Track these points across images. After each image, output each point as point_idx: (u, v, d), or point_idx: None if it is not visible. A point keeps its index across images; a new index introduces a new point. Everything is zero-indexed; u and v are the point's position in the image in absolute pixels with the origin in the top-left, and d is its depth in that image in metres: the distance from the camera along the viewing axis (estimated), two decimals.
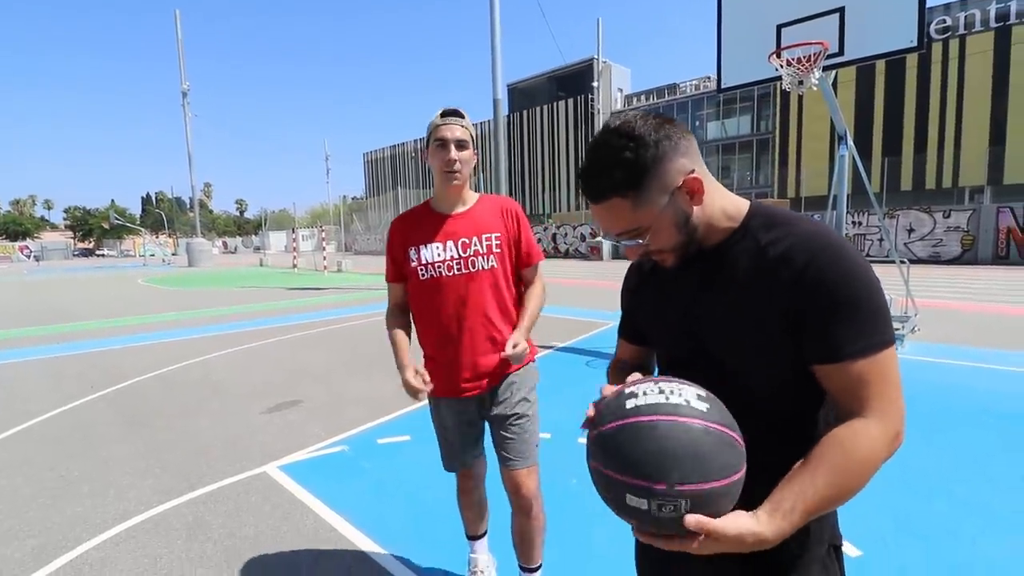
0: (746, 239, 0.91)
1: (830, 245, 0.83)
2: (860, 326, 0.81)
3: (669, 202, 0.87)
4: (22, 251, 55.62)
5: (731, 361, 0.92)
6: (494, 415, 1.86)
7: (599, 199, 0.89)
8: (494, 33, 9.86)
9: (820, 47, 5.29)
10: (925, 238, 19.37)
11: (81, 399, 4.91)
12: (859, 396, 0.81)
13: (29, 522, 2.76)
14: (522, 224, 1.90)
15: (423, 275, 1.79)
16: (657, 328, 1.07)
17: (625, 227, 0.90)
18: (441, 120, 1.74)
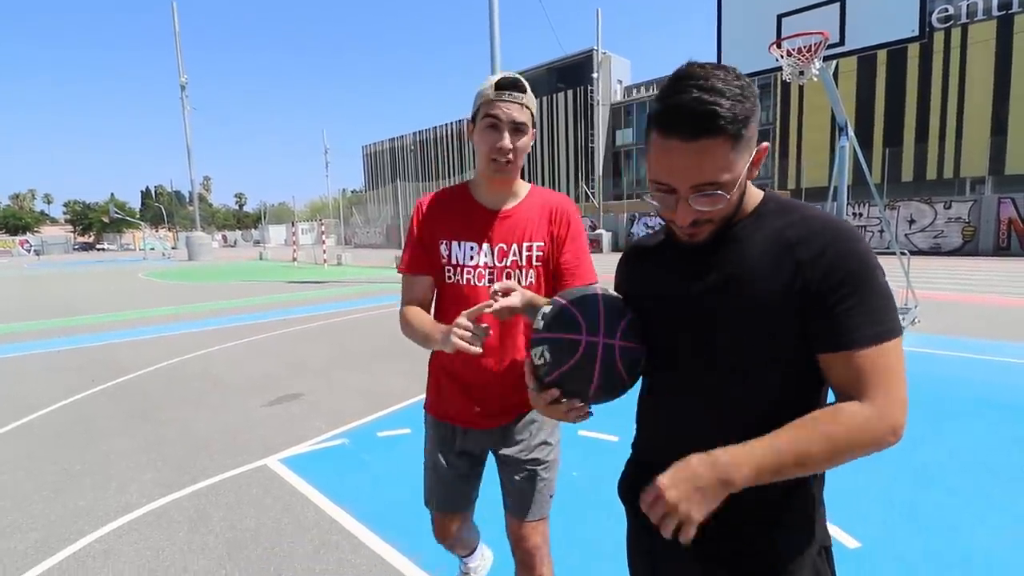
0: (759, 222, 0.90)
1: (847, 231, 0.84)
2: (873, 314, 0.80)
3: (747, 163, 0.84)
4: (22, 245, 55.59)
5: (728, 340, 0.89)
6: (506, 455, 1.54)
7: (699, 133, 0.78)
8: (493, 24, 9.80)
9: (821, 37, 5.26)
10: (926, 229, 19.34)
11: (82, 393, 4.92)
12: (862, 385, 0.80)
13: (32, 515, 2.78)
14: (570, 230, 1.51)
15: (448, 277, 1.48)
16: (647, 298, 1.01)
17: (714, 175, 0.81)
18: (496, 94, 1.36)
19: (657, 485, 0.81)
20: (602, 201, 28.17)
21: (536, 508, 1.55)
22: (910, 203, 19.77)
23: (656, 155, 0.84)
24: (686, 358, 0.95)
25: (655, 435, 1.06)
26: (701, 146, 0.79)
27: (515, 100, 1.37)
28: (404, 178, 53.49)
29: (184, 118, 29.22)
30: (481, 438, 1.54)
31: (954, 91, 26.28)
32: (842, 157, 6.12)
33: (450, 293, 1.49)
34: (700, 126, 0.78)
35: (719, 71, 0.81)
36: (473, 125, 1.44)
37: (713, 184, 0.81)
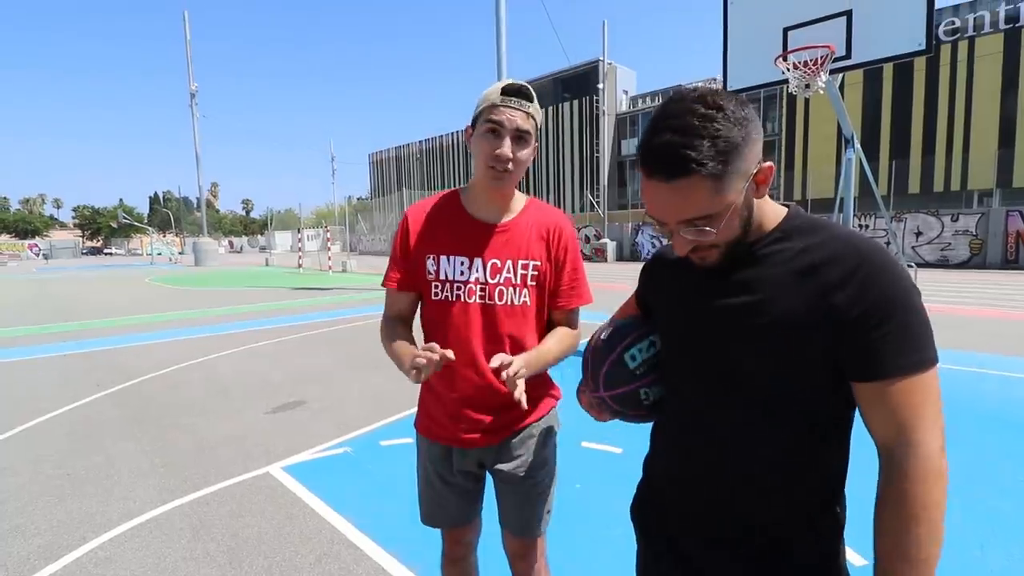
0: (783, 241, 0.86)
1: (880, 250, 0.80)
2: (910, 340, 0.75)
3: (744, 190, 0.81)
4: (31, 249, 56.11)
5: (740, 362, 0.87)
6: (502, 472, 1.47)
7: (675, 175, 0.77)
8: (500, 35, 9.87)
9: (827, 50, 5.28)
10: (933, 242, 19.25)
11: (88, 397, 4.94)
12: (900, 417, 0.75)
13: (36, 520, 2.78)
14: (567, 252, 1.45)
15: (436, 294, 1.39)
16: (666, 313, 1.03)
17: (698, 212, 0.79)
18: (501, 99, 1.29)
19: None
20: (607, 211, 28.20)
21: (535, 525, 1.52)
22: (917, 215, 19.70)
23: (644, 192, 0.84)
24: (700, 376, 0.93)
25: (665, 457, 1.04)
26: (679, 186, 0.78)
27: (521, 108, 1.30)
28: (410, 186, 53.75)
29: (193, 125, 29.52)
30: (477, 455, 1.48)
31: (961, 103, 26.25)
32: (848, 169, 6.12)
33: (439, 310, 1.40)
34: (675, 169, 0.77)
35: (699, 104, 0.77)
36: (472, 130, 1.36)
37: (700, 219, 0.80)
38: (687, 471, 0.96)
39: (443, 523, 1.55)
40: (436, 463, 1.49)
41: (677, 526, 0.99)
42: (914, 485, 0.73)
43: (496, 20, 9.86)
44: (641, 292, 1.14)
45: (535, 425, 1.50)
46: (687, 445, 0.96)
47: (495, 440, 1.46)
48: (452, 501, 1.51)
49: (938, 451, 0.75)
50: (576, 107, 44.38)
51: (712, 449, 0.92)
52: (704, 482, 0.93)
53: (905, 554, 0.73)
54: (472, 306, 1.38)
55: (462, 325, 1.38)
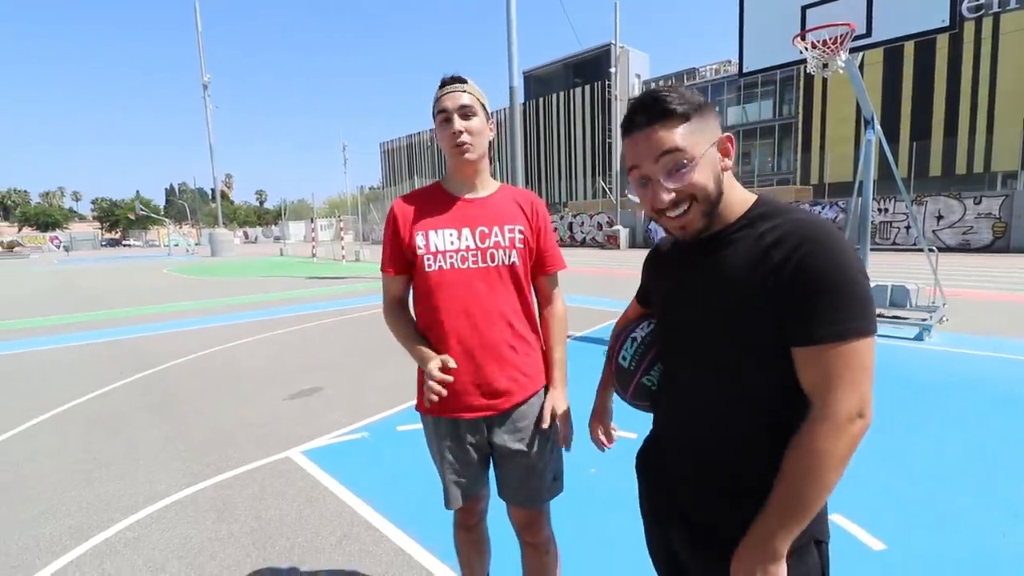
0: (747, 228, 0.97)
1: (820, 232, 0.87)
2: (839, 312, 0.83)
3: (710, 149, 0.94)
4: (52, 241, 57.18)
5: (713, 333, 0.98)
6: (503, 446, 1.54)
7: (651, 122, 0.93)
8: (510, 20, 9.77)
9: (847, 29, 5.14)
10: (955, 225, 18.83)
11: (111, 384, 5.06)
12: (825, 381, 0.85)
13: (66, 502, 2.87)
14: (544, 222, 1.61)
15: (429, 265, 1.48)
16: (659, 297, 1.17)
17: (671, 146, 0.92)
18: (441, 91, 1.48)
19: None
20: (619, 197, 27.97)
21: (538, 496, 1.59)
22: (938, 198, 19.26)
23: (627, 150, 0.97)
24: (683, 348, 1.07)
25: (663, 414, 1.18)
26: (655, 129, 0.93)
27: (456, 89, 1.46)
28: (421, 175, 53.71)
29: (207, 117, 29.74)
30: (483, 425, 1.54)
31: (985, 83, 25.51)
32: (868, 151, 5.99)
33: (432, 280, 1.49)
34: (652, 113, 0.93)
35: (662, 86, 0.96)
36: (437, 131, 1.53)
37: (673, 154, 0.91)
38: (677, 429, 1.10)
39: (463, 499, 1.58)
40: (445, 439, 1.55)
41: (671, 475, 1.11)
42: (815, 440, 0.84)
43: (507, 6, 9.76)
44: (644, 282, 1.29)
45: (536, 396, 1.58)
46: (672, 404, 1.11)
47: (500, 407, 1.52)
48: (466, 473, 1.57)
49: (846, 415, 0.84)
50: (588, 92, 43.86)
51: (692, 409, 1.05)
52: (690, 443, 1.06)
53: (791, 491, 0.86)
54: (466, 271, 1.49)
55: (458, 291, 1.48)
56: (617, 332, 1.31)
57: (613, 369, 1.27)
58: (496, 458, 1.59)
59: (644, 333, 1.22)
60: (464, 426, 1.54)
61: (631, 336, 1.24)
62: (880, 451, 3.13)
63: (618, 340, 1.27)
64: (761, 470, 0.94)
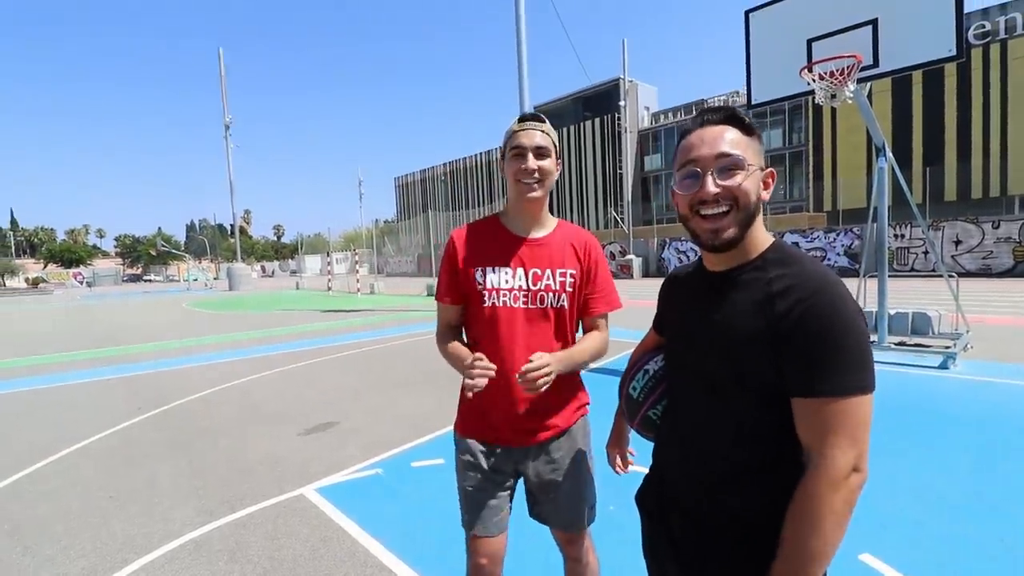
0: (758, 270, 1.00)
1: (825, 286, 0.90)
2: (839, 367, 0.85)
3: (758, 172, 1.00)
4: (75, 277, 58.56)
5: (715, 369, 1.01)
6: (540, 480, 1.59)
7: (723, 122, 1.00)
8: (521, 57, 10.04)
9: (854, 60, 5.20)
10: (974, 250, 18.55)
11: (129, 420, 5.09)
12: (823, 434, 0.86)
13: (81, 541, 2.86)
14: (596, 263, 1.62)
15: (485, 301, 1.55)
16: (670, 325, 1.22)
17: (733, 147, 0.97)
18: (519, 126, 1.54)
19: None
20: (631, 227, 28.05)
21: (579, 522, 1.63)
22: (955, 223, 19.04)
23: (685, 146, 1.02)
24: (688, 381, 1.09)
25: (664, 447, 1.19)
26: (722, 128, 0.99)
27: (536, 128, 1.53)
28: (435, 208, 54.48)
29: (227, 155, 30.63)
30: (513, 456, 1.58)
31: (996, 108, 25.47)
32: (881, 178, 5.97)
33: (487, 315, 1.55)
34: (722, 114, 1.01)
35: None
36: (504, 161, 1.58)
37: (732, 157, 0.97)
38: (677, 460, 1.12)
39: (486, 529, 1.56)
40: (478, 460, 1.58)
41: (672, 509, 1.12)
42: (813, 493, 0.85)
43: (517, 43, 10.04)
44: (659, 310, 1.31)
45: (570, 430, 1.62)
46: (677, 437, 1.12)
47: (534, 439, 1.57)
48: (491, 502, 1.57)
49: (843, 469, 0.85)
50: (598, 125, 44.56)
51: (693, 442, 1.07)
52: (689, 470, 1.07)
53: (796, 543, 0.87)
54: (517, 311, 1.54)
55: (509, 328, 1.53)
56: (633, 360, 1.32)
57: (623, 398, 1.30)
58: (532, 489, 1.63)
59: (656, 367, 1.23)
60: (496, 454, 1.58)
61: (644, 368, 1.25)
62: (910, 488, 3.02)
63: (631, 370, 1.29)
64: (756, 505, 0.96)
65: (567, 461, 1.59)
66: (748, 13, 6.15)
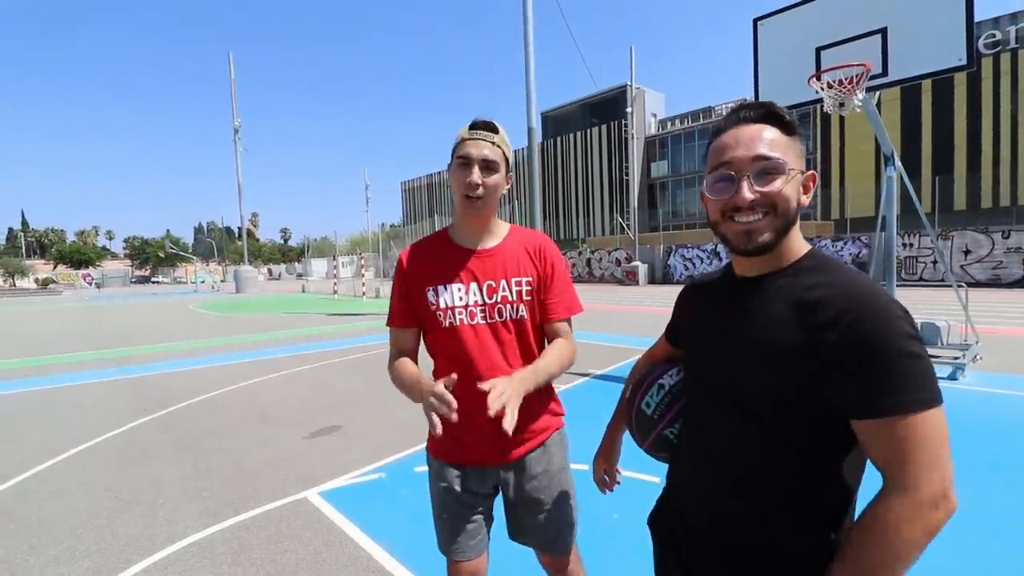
0: (793, 277, 0.92)
1: (871, 296, 0.82)
2: (900, 380, 0.77)
3: (798, 175, 0.92)
4: (85, 279, 59.00)
5: (747, 386, 0.93)
6: (521, 498, 1.51)
7: (762, 120, 0.93)
8: (528, 64, 10.07)
9: (862, 68, 5.19)
10: (983, 260, 18.40)
11: (135, 421, 5.12)
12: (898, 456, 0.78)
13: (85, 542, 2.87)
14: (553, 267, 1.53)
15: (443, 322, 1.46)
16: (689, 335, 1.13)
17: (770, 151, 0.90)
18: (468, 133, 1.42)
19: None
20: (637, 233, 28.01)
21: (563, 542, 1.56)
22: (965, 232, 18.89)
23: (718, 147, 0.94)
24: (709, 395, 1.00)
25: (681, 469, 1.10)
26: (760, 127, 0.92)
27: (486, 139, 1.41)
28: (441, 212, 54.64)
29: (236, 159, 30.85)
30: (488, 476, 1.51)
31: (1007, 117, 25.34)
32: (890, 188, 5.94)
33: (445, 337, 1.47)
34: (760, 111, 0.93)
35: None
36: (449, 167, 1.47)
37: (771, 160, 0.89)
38: (696, 482, 1.03)
39: (463, 552, 1.50)
40: (452, 484, 1.51)
41: (685, 535, 1.04)
42: (895, 522, 0.76)
43: (525, 49, 10.08)
44: (675, 318, 1.24)
45: (547, 444, 1.55)
46: (697, 458, 1.03)
47: (510, 457, 1.49)
48: (468, 526, 1.51)
49: (929, 499, 0.76)
50: (605, 132, 44.64)
51: (716, 464, 0.98)
52: (709, 493, 0.99)
53: (861, 567, 0.78)
54: (476, 327, 1.46)
55: (470, 347, 1.45)
56: (643, 373, 1.24)
57: (634, 415, 1.20)
58: (511, 508, 1.55)
59: (673, 381, 1.15)
60: (473, 474, 1.51)
61: (658, 382, 1.16)
62: None
63: (643, 383, 1.20)
64: (788, 536, 0.89)
65: (545, 476, 1.52)
66: (756, 21, 6.15)
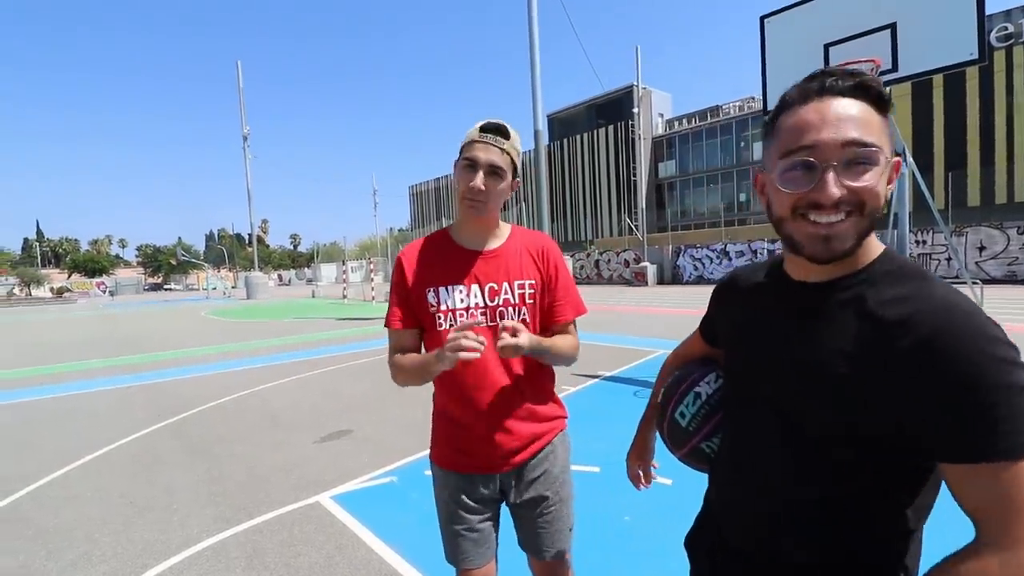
0: (865, 285, 0.78)
1: (963, 315, 0.68)
2: (999, 422, 0.64)
3: (888, 164, 0.76)
4: (99, 287, 59.76)
5: (804, 409, 0.81)
6: (521, 501, 1.50)
7: (853, 94, 0.75)
8: (534, 67, 10.09)
9: (872, 64, 5.14)
10: (998, 256, 18.13)
11: (149, 427, 5.17)
12: (997, 511, 0.65)
13: (101, 547, 2.90)
14: (556, 269, 1.52)
15: (440, 324, 1.43)
16: (730, 336, 1.01)
17: (865, 135, 0.73)
18: (479, 135, 1.39)
19: None
20: (646, 234, 27.92)
21: (561, 546, 1.54)
22: (979, 228, 18.63)
23: (796, 125, 0.76)
24: (759, 409, 0.88)
25: (722, 489, 1.01)
26: (851, 103, 0.74)
27: (495, 144, 1.38)
28: (449, 217, 54.74)
29: (246, 166, 31.13)
30: (494, 482, 1.49)
31: (1021, 110, 24.99)
32: (901, 184, 5.87)
33: (444, 339, 1.40)
34: (851, 84, 0.74)
35: None
36: (456, 165, 1.45)
37: (865, 144, 0.72)
38: (739, 503, 0.94)
39: (471, 561, 1.50)
40: (457, 494, 1.49)
41: (724, 557, 0.96)
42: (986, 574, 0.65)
43: (530, 51, 10.10)
44: (710, 315, 1.12)
45: (549, 447, 1.53)
46: (741, 479, 0.94)
47: (515, 462, 1.47)
48: (475, 534, 1.49)
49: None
50: (611, 132, 44.56)
51: (761, 486, 0.89)
52: (756, 519, 0.90)
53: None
54: (477, 330, 1.40)
55: None
56: (677, 376, 1.12)
57: (667, 424, 1.10)
58: (515, 512, 1.55)
59: (711, 390, 1.04)
60: (478, 481, 1.49)
61: (694, 390, 1.05)
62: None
63: (677, 389, 1.09)
64: (832, 561, 0.81)
65: (547, 480, 1.51)
66: (763, 19, 6.12)
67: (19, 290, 52.52)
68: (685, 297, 17.80)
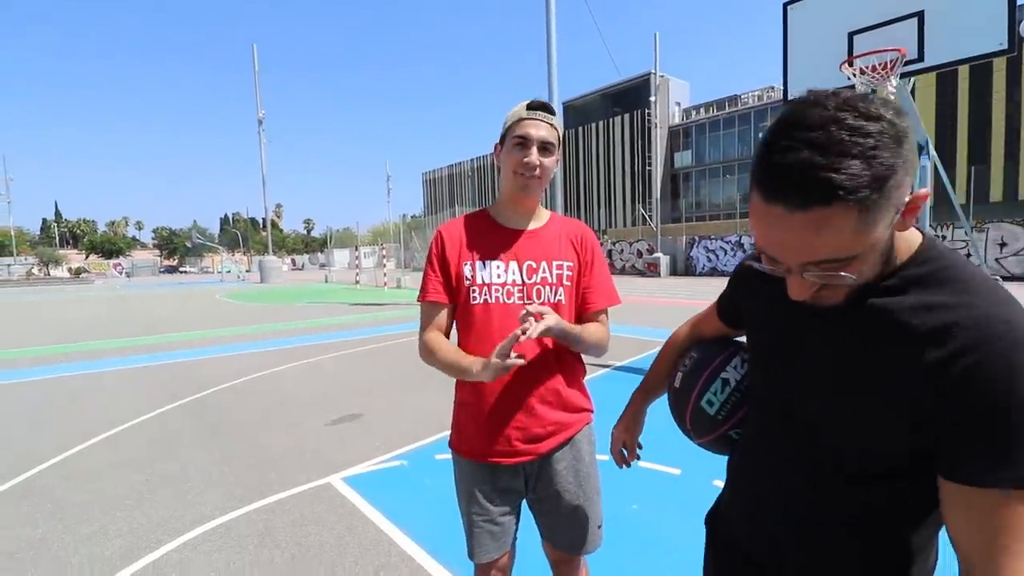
0: (896, 293, 0.70)
1: (1008, 326, 0.62)
2: (1019, 449, 0.59)
3: (891, 224, 0.64)
4: (115, 268, 60.74)
5: (819, 414, 0.78)
6: (544, 490, 1.48)
7: (811, 202, 0.59)
8: (550, 53, 9.98)
9: (897, 54, 5.02)
10: (1020, 253, 17.76)
11: (164, 407, 5.26)
12: (990, 539, 0.61)
13: (117, 522, 2.97)
14: (594, 255, 1.52)
15: (474, 298, 1.42)
16: (755, 320, 0.94)
17: (834, 253, 0.62)
18: (528, 113, 1.40)
19: None
20: (660, 224, 27.70)
21: (582, 543, 1.51)
22: (1001, 224, 18.25)
23: (756, 221, 0.67)
24: (781, 415, 0.85)
25: (736, 481, 0.99)
26: (813, 218, 0.60)
27: (544, 119, 1.40)
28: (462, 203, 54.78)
29: (260, 150, 31.27)
30: (515, 473, 1.46)
31: None
32: (923, 177, 5.75)
33: (478, 313, 1.43)
34: (812, 195, 0.59)
35: (846, 112, 0.59)
36: (501, 146, 1.46)
37: (834, 263, 0.64)
38: (755, 501, 0.92)
39: (491, 552, 1.47)
40: (480, 484, 1.47)
41: (743, 546, 0.95)
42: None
43: (547, 38, 9.99)
44: (730, 294, 1.05)
45: (574, 440, 1.50)
46: (756, 476, 0.92)
47: (540, 451, 1.44)
48: (497, 523, 1.47)
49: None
50: (627, 121, 44.09)
51: (777, 488, 0.87)
52: (770, 517, 0.88)
53: None
54: (512, 307, 1.41)
55: (503, 327, 1.38)
56: (696, 359, 1.07)
57: (689, 411, 1.04)
58: (537, 504, 1.52)
59: (739, 375, 1.00)
60: (502, 472, 1.46)
61: (721, 376, 1.01)
62: None
63: (701, 373, 1.03)
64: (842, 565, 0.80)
65: (571, 474, 1.48)
66: (787, 6, 5.99)
67: (38, 270, 53.51)
68: (697, 289, 17.69)
